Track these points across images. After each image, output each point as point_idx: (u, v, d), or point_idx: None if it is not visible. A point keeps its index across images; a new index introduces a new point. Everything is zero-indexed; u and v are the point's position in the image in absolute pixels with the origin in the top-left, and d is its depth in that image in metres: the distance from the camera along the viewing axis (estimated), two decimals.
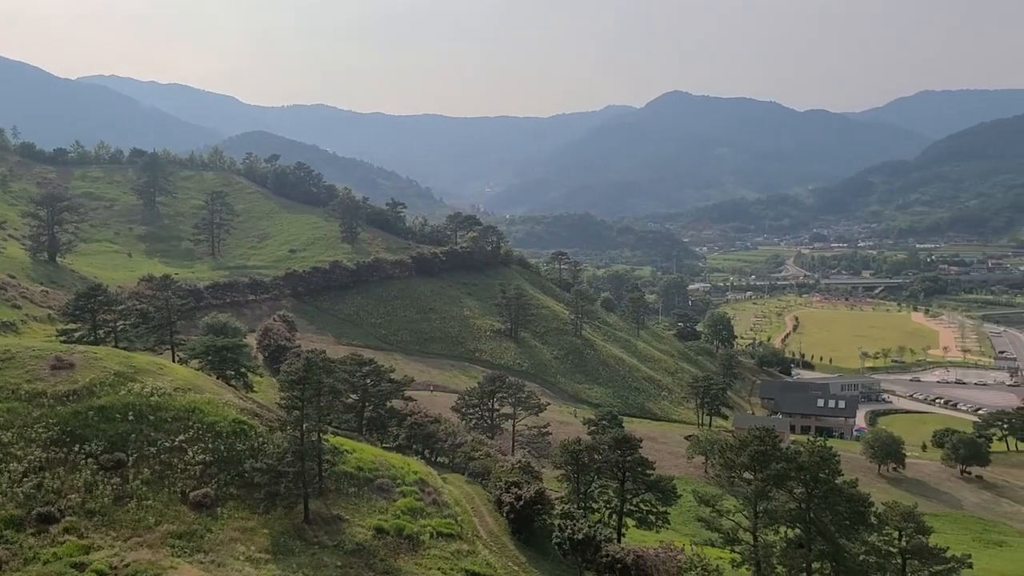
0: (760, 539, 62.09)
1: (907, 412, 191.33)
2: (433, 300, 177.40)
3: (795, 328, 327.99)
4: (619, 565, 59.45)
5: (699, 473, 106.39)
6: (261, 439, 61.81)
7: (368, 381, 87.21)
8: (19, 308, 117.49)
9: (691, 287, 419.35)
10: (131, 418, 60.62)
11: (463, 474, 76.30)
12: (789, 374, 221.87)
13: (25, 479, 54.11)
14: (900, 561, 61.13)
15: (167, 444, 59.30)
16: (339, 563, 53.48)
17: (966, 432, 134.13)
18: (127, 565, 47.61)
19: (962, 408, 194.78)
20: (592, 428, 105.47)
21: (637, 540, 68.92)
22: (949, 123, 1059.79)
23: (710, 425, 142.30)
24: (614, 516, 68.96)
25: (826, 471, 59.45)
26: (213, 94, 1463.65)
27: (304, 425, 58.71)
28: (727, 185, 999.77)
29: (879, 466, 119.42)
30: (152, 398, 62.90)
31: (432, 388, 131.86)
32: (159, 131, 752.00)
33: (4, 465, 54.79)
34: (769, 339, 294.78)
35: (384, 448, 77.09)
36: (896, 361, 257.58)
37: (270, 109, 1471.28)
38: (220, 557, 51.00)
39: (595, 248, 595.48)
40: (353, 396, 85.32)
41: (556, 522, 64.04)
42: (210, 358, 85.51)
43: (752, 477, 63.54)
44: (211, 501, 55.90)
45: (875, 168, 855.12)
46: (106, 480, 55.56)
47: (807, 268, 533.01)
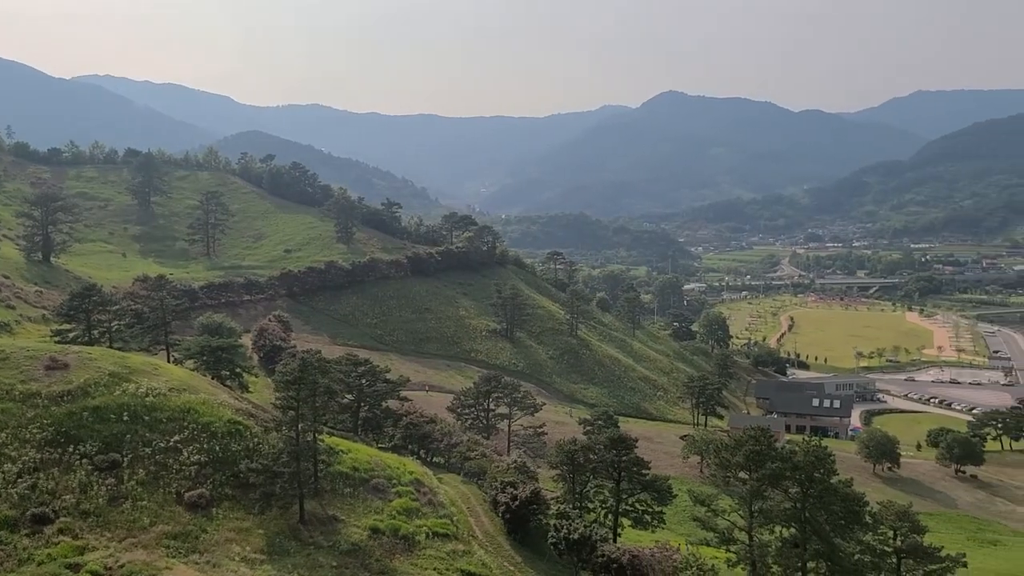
0: (755, 539, 62.19)
1: (902, 412, 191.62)
2: (429, 300, 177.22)
3: (790, 328, 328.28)
4: (615, 565, 59.53)
5: (695, 473, 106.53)
6: (256, 439, 61.74)
7: (364, 381, 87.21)
8: (13, 308, 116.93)
9: (687, 287, 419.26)
10: (126, 418, 60.52)
11: (459, 474, 76.20)
12: (784, 374, 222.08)
13: (19, 480, 53.99)
14: (895, 560, 61.21)
15: (162, 445, 59.21)
16: (335, 563, 53.46)
17: (961, 431, 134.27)
18: (122, 566, 47.57)
19: (956, 408, 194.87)
20: (588, 428, 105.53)
21: (633, 540, 68.95)
22: (943, 123, 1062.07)
23: (706, 425, 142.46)
24: (610, 516, 69.07)
25: (821, 471, 59.55)
26: (208, 94, 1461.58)
27: (299, 425, 58.64)
28: (722, 185, 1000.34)
29: (874, 465, 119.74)
30: (147, 398, 62.79)
31: (428, 388, 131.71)
32: (154, 131, 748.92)
33: None
34: (764, 339, 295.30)
35: (380, 448, 77.02)
36: (891, 361, 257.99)
37: (265, 109, 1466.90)
38: (215, 558, 50.96)
39: (591, 248, 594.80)
40: (349, 396, 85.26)
41: (552, 522, 64.05)
42: (205, 358, 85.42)
43: (747, 477, 63.68)
44: (206, 502, 55.85)
45: (870, 168, 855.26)
46: (101, 481, 55.46)
47: (802, 268, 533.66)
